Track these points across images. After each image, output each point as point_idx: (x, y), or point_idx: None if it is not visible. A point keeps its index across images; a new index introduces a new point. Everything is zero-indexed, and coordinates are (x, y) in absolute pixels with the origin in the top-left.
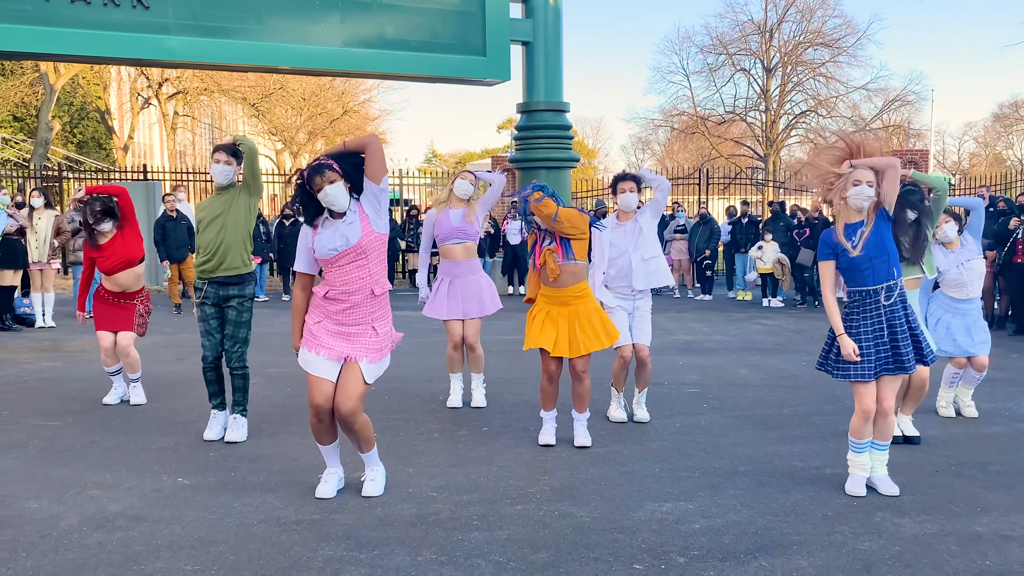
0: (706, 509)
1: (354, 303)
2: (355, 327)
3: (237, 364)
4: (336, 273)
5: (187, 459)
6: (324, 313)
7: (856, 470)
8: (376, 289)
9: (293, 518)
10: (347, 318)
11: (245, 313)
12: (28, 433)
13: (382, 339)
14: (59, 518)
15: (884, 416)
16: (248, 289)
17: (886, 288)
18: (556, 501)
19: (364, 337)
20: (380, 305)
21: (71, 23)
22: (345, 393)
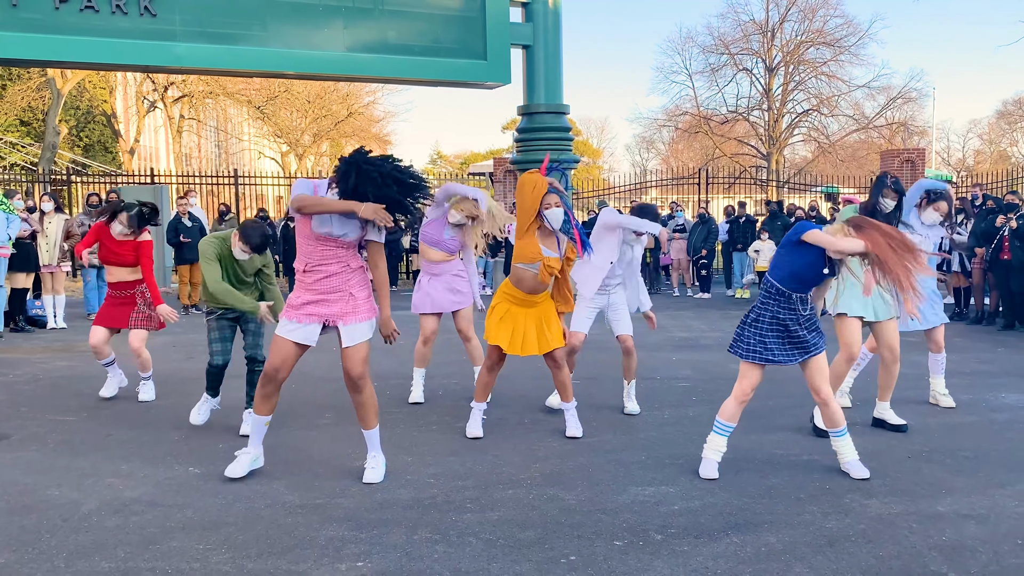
0: (686, 492)
1: (330, 273)
2: (332, 294)
3: (261, 358)
4: (316, 249)
5: (198, 451)
6: (305, 287)
7: (710, 452)
8: (352, 263)
9: (297, 502)
10: (323, 286)
11: None
12: (46, 428)
13: (360, 303)
14: (79, 504)
15: (826, 405)
16: None
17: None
18: (545, 486)
19: (342, 302)
20: (357, 275)
21: (80, 31)
22: (350, 358)
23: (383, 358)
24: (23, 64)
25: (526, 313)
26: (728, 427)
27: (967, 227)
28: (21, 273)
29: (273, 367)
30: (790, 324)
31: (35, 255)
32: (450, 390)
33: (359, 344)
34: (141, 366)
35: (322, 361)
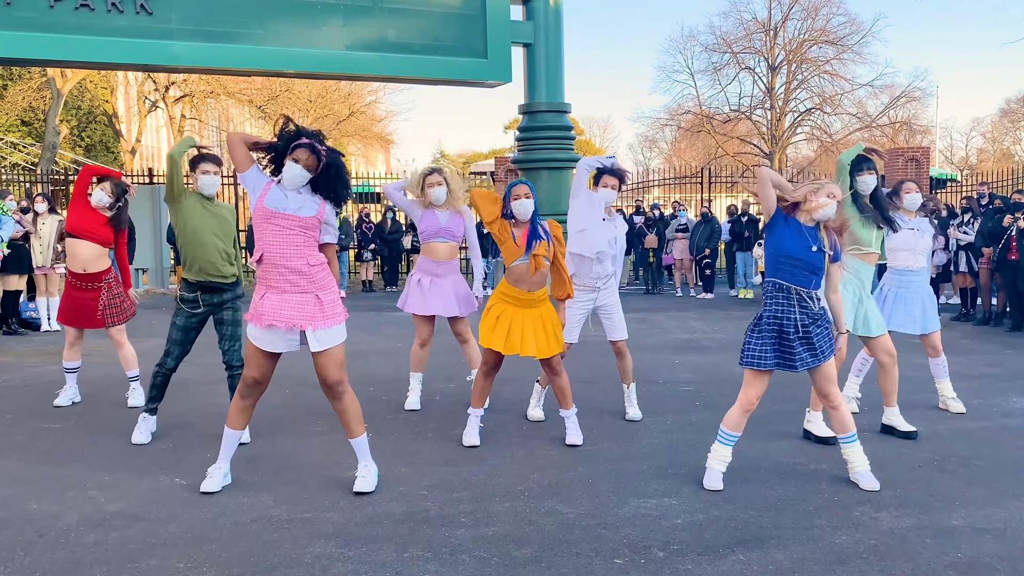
0: (689, 505)
1: (291, 268)
2: (298, 295)
3: (237, 363)
4: (273, 232)
5: (185, 460)
6: (266, 283)
7: (714, 462)
8: (311, 261)
9: (285, 517)
10: (287, 284)
11: (239, 312)
12: (31, 435)
13: (327, 307)
14: (58, 518)
15: (835, 409)
16: (239, 289)
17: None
18: (543, 498)
19: (309, 306)
20: (319, 276)
21: (75, 30)
22: (323, 366)
23: (379, 362)
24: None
25: (524, 314)
26: (732, 436)
27: (974, 226)
28: (14, 275)
29: (251, 378)
30: (793, 326)
31: (28, 257)
32: (447, 394)
33: (332, 348)
34: (125, 362)
35: None
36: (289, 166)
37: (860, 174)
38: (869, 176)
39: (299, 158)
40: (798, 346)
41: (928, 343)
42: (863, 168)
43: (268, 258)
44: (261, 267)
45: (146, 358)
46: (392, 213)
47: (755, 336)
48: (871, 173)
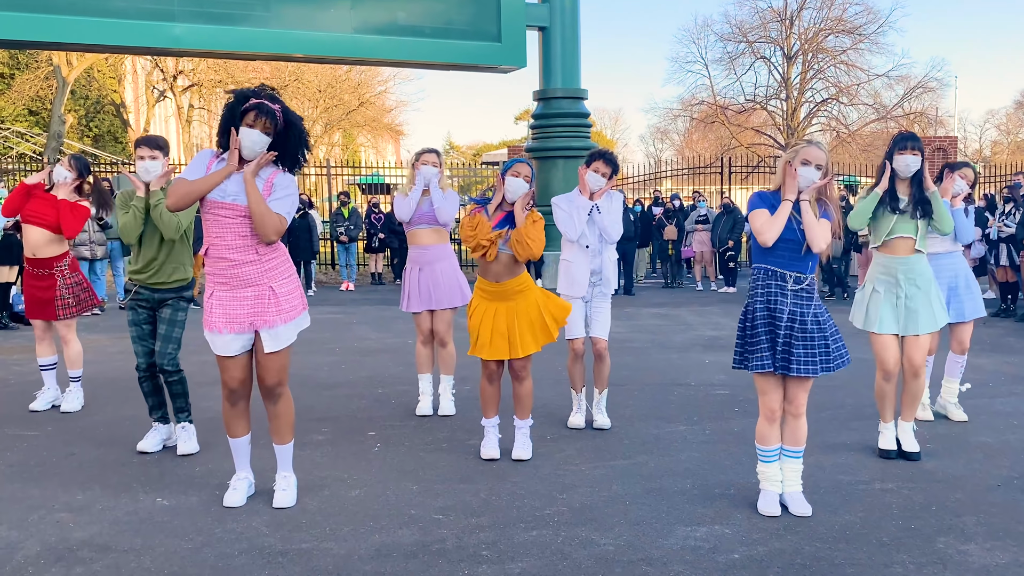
0: (745, 535)
1: (237, 262)
2: (248, 289)
3: (170, 367)
4: (215, 223)
5: (170, 475)
6: (214, 280)
7: (766, 484)
8: (260, 249)
9: (279, 547)
10: (235, 280)
11: (180, 312)
12: (1, 445)
13: (282, 300)
14: (16, 548)
15: (795, 418)
16: (187, 292)
17: (794, 278)
18: (575, 525)
19: (262, 300)
20: (271, 266)
21: (75, 10)
22: (264, 365)
23: (389, 360)
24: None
25: (499, 310)
26: (770, 451)
27: (1015, 217)
28: (4, 267)
29: (229, 388)
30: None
31: (19, 247)
32: (462, 398)
33: (280, 351)
34: (68, 360)
35: (321, 364)
36: (245, 133)
37: (902, 152)
38: (912, 156)
39: (254, 124)
40: (797, 345)
41: (955, 335)
42: (907, 146)
43: (213, 251)
44: (208, 261)
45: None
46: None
47: (750, 334)
48: (915, 153)
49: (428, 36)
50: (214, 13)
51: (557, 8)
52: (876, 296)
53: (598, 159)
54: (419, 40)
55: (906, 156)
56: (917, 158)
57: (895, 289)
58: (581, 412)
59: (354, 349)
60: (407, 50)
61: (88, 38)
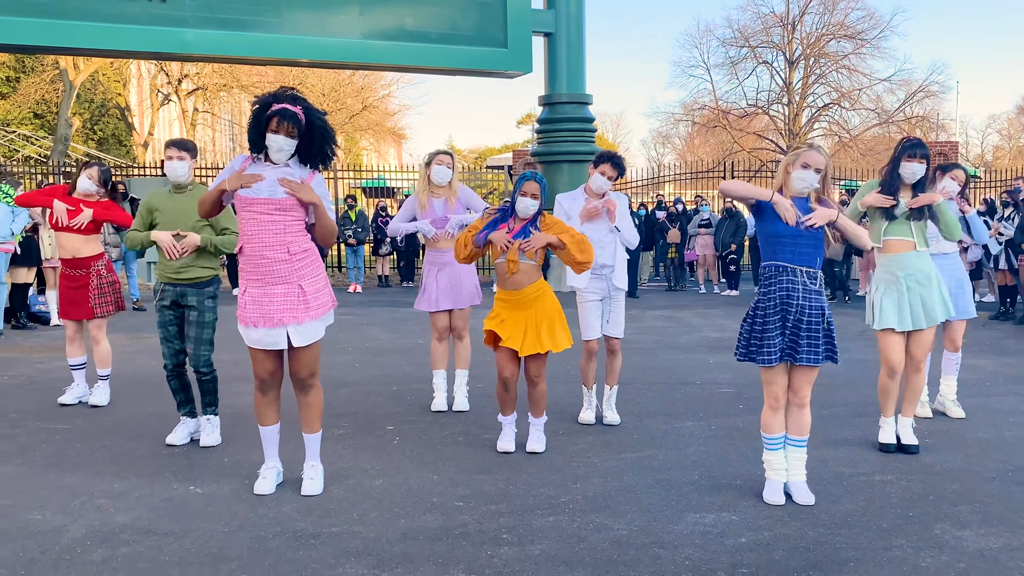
0: (751, 521)
1: (271, 259)
2: (279, 287)
3: (205, 368)
4: (249, 221)
5: (200, 466)
6: (248, 278)
7: (772, 473)
8: (292, 248)
9: (311, 531)
10: (270, 277)
11: (208, 313)
12: (35, 437)
13: (310, 297)
14: (62, 531)
15: (800, 408)
16: (210, 289)
17: (807, 273)
18: (590, 512)
19: (292, 297)
20: (303, 264)
21: (88, 16)
22: (297, 358)
23: (401, 360)
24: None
25: (516, 316)
26: (774, 439)
27: (1014, 221)
28: (23, 268)
29: (260, 379)
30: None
31: (37, 249)
32: (476, 395)
33: (311, 345)
34: (98, 359)
35: (336, 363)
36: (271, 139)
37: (910, 159)
38: (919, 164)
39: (279, 130)
40: (803, 336)
41: (948, 334)
42: (915, 154)
43: (247, 249)
44: (242, 258)
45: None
46: None
47: (759, 327)
48: (921, 161)
49: (435, 42)
50: (226, 19)
51: (563, 14)
52: (880, 295)
53: (606, 162)
54: (426, 46)
55: (913, 164)
56: (923, 166)
57: (896, 286)
58: (592, 408)
59: (366, 349)
60: (414, 56)
61: (103, 43)
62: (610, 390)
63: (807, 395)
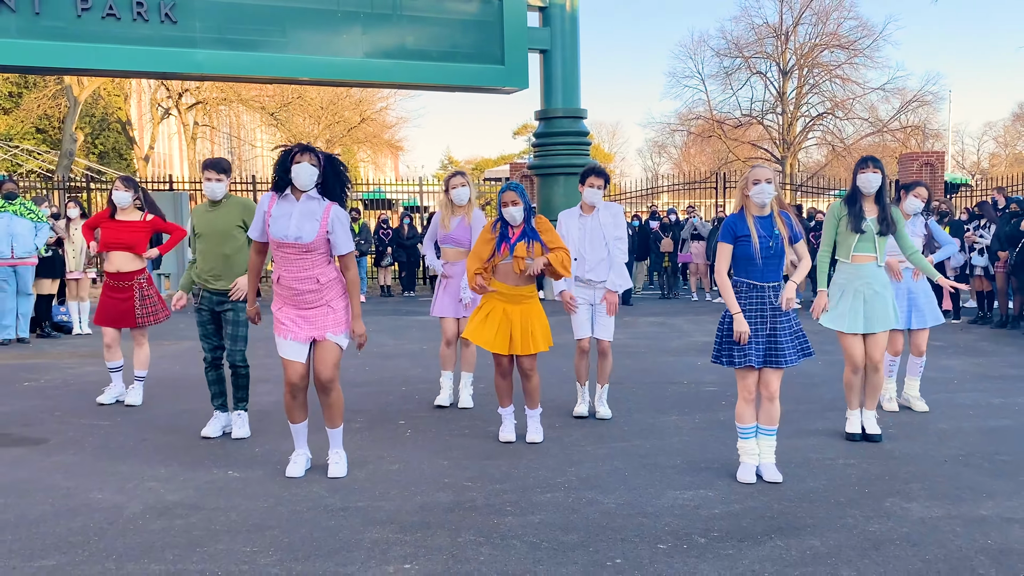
0: (725, 496)
1: (303, 291)
2: (312, 309)
3: (240, 363)
4: (282, 259)
5: (234, 455)
6: (282, 299)
7: (745, 457)
8: (321, 279)
9: (339, 505)
10: (302, 303)
11: (242, 313)
12: (82, 432)
13: (339, 314)
14: (122, 507)
15: (771, 400)
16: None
17: (773, 288)
18: (583, 490)
19: (323, 317)
20: (329, 289)
21: (102, 39)
22: (322, 363)
23: (408, 363)
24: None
25: (509, 310)
26: (747, 428)
27: (990, 230)
28: (47, 279)
29: (291, 383)
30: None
31: (60, 262)
32: (478, 393)
33: (334, 349)
34: (139, 361)
35: (347, 367)
36: (297, 170)
37: (863, 171)
38: (873, 174)
39: (301, 159)
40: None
41: (913, 340)
42: (867, 165)
43: (283, 280)
44: (278, 285)
45: (180, 360)
46: (409, 219)
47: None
48: (875, 171)
49: (435, 60)
50: (234, 40)
51: (558, 31)
52: (842, 300)
53: (590, 175)
54: (426, 64)
55: (867, 174)
56: (878, 175)
57: (856, 294)
58: (585, 403)
59: (375, 354)
60: (414, 73)
61: (115, 64)
62: (601, 388)
63: (776, 389)
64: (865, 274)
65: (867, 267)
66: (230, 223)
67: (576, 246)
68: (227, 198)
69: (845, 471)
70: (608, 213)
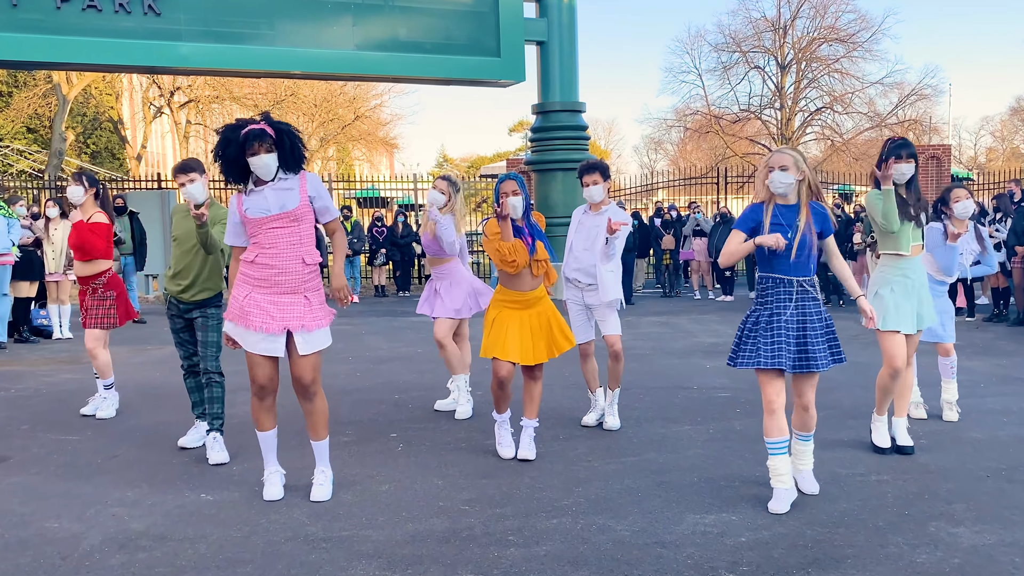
0: (751, 521)
1: (283, 268)
2: (286, 296)
3: (213, 368)
4: (266, 235)
5: (210, 474)
6: (252, 284)
7: (778, 482)
8: (307, 259)
9: (321, 535)
10: (277, 286)
11: (211, 320)
12: (48, 448)
13: (316, 309)
14: (80, 538)
15: (805, 410)
16: (217, 302)
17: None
18: (592, 514)
19: (297, 307)
20: (309, 277)
21: (82, 31)
22: (302, 365)
23: (401, 368)
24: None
25: (521, 316)
26: (778, 443)
27: (1006, 224)
28: (25, 282)
29: (258, 385)
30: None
31: (39, 263)
32: (476, 402)
33: (314, 352)
34: (99, 371)
35: (338, 372)
36: (255, 162)
37: (898, 161)
38: (907, 165)
39: (256, 150)
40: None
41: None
42: (901, 155)
43: (261, 259)
44: (251, 266)
45: (162, 366)
46: (404, 217)
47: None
48: (909, 161)
49: (428, 52)
50: (220, 32)
51: (555, 23)
52: (894, 297)
53: (583, 173)
54: (420, 56)
55: (901, 165)
56: (911, 165)
57: (905, 289)
58: (596, 412)
59: (367, 358)
60: (408, 66)
61: (98, 58)
62: (611, 393)
63: (811, 398)
64: (917, 267)
65: (915, 261)
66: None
67: (570, 240)
68: (211, 204)
69: (879, 489)
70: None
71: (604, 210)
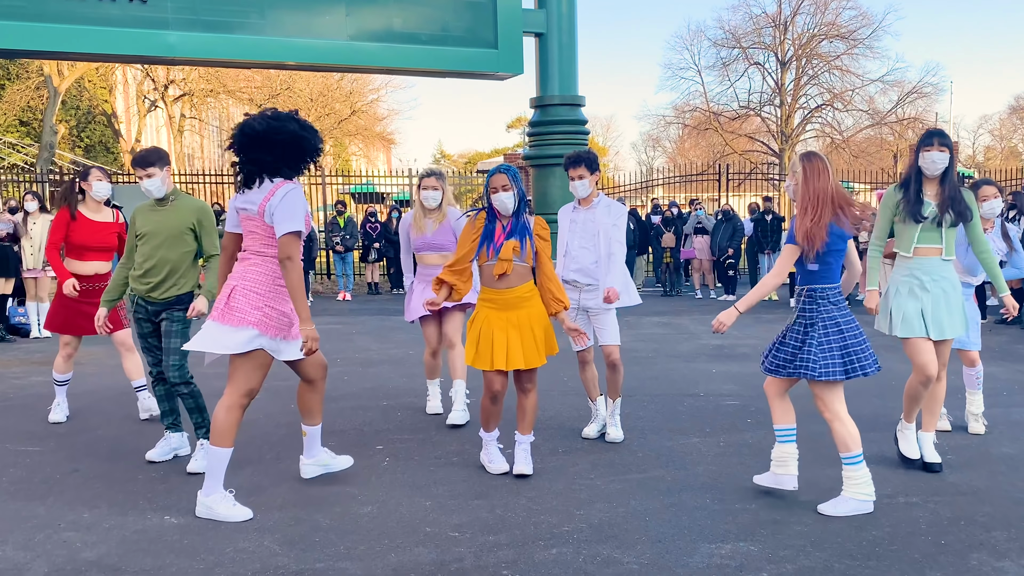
0: (772, 552)
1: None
2: None
3: (176, 379)
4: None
5: (177, 491)
6: None
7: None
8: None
9: (293, 567)
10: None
11: (176, 323)
12: (4, 461)
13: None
14: (24, 569)
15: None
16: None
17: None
18: (596, 542)
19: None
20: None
21: (66, 19)
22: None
23: (391, 371)
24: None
25: (506, 318)
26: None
27: (1020, 223)
28: (0, 278)
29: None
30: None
31: (15, 259)
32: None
33: None
34: (135, 369)
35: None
36: None
37: (928, 149)
38: (939, 153)
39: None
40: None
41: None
42: (932, 142)
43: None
44: None
45: None
46: (398, 213)
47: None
48: (942, 149)
49: (424, 43)
50: (209, 21)
51: (554, 14)
52: (901, 300)
53: (568, 167)
54: (415, 47)
55: (932, 152)
56: (944, 155)
57: (921, 292)
58: (597, 423)
59: (356, 360)
60: (403, 57)
61: (82, 47)
62: (612, 403)
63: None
64: (930, 270)
65: (931, 261)
66: (181, 224)
67: (565, 240)
68: (176, 196)
69: (910, 513)
70: (608, 212)
71: (596, 203)
